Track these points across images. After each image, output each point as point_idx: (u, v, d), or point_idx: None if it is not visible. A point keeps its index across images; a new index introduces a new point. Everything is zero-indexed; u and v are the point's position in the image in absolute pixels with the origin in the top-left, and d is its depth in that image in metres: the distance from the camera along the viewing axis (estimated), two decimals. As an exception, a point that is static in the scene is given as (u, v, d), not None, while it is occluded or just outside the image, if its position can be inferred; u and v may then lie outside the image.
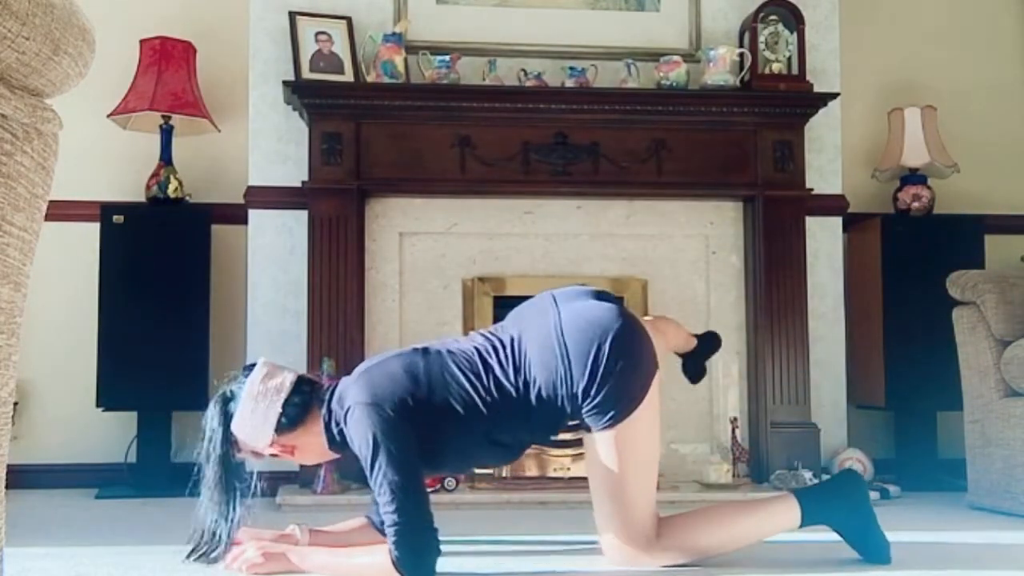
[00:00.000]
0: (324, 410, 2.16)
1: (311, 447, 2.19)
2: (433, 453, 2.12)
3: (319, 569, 2.11)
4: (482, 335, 2.28)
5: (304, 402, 2.16)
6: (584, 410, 2.14)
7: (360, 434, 2.03)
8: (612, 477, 2.16)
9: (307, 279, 3.64)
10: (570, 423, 2.25)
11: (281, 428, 2.13)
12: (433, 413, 2.11)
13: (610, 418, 2.13)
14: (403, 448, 2.02)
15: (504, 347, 2.21)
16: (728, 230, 3.93)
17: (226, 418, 2.15)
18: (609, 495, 2.18)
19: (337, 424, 2.14)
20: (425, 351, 2.21)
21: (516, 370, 2.17)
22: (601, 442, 2.16)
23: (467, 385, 2.14)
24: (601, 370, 2.11)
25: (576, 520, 2.74)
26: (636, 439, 2.16)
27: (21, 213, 1.15)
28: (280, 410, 2.13)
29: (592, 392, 2.12)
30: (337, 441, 2.16)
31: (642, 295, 3.85)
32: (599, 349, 2.12)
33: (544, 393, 2.15)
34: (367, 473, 2.04)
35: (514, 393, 2.15)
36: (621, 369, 2.12)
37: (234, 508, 2.12)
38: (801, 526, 2.24)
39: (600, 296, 2.27)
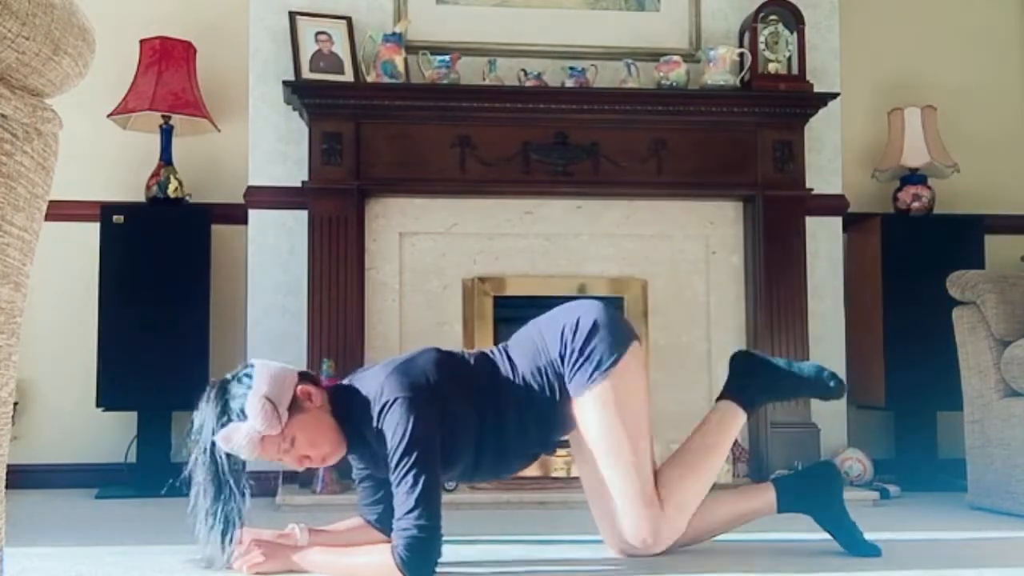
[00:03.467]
0: (328, 401, 2.14)
1: (320, 429, 2.11)
2: (452, 450, 2.13)
3: (320, 568, 2.11)
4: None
5: (314, 383, 2.15)
6: (568, 373, 2.20)
7: (398, 426, 2.03)
8: (611, 434, 2.19)
9: (307, 279, 3.64)
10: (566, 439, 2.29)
11: (294, 406, 2.07)
12: (457, 410, 2.14)
13: (593, 371, 2.18)
14: (434, 447, 2.05)
15: (497, 348, 2.33)
16: (728, 230, 3.93)
17: (225, 408, 2.05)
18: (611, 455, 2.19)
19: (351, 415, 2.12)
20: (449, 352, 2.26)
21: (510, 363, 2.26)
22: (592, 402, 2.19)
23: (482, 382, 2.21)
24: (572, 335, 2.22)
25: (576, 520, 2.74)
26: (626, 394, 2.20)
27: (21, 213, 1.15)
28: (296, 382, 2.09)
29: (567, 354, 2.21)
30: (353, 431, 2.13)
31: (642, 295, 3.85)
32: (567, 322, 2.24)
33: (530, 373, 2.22)
34: (392, 464, 2.02)
35: (511, 377, 2.23)
36: (592, 330, 2.21)
37: (233, 497, 2.04)
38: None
39: None
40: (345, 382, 2.24)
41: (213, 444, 2.03)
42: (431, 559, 1.99)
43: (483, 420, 2.18)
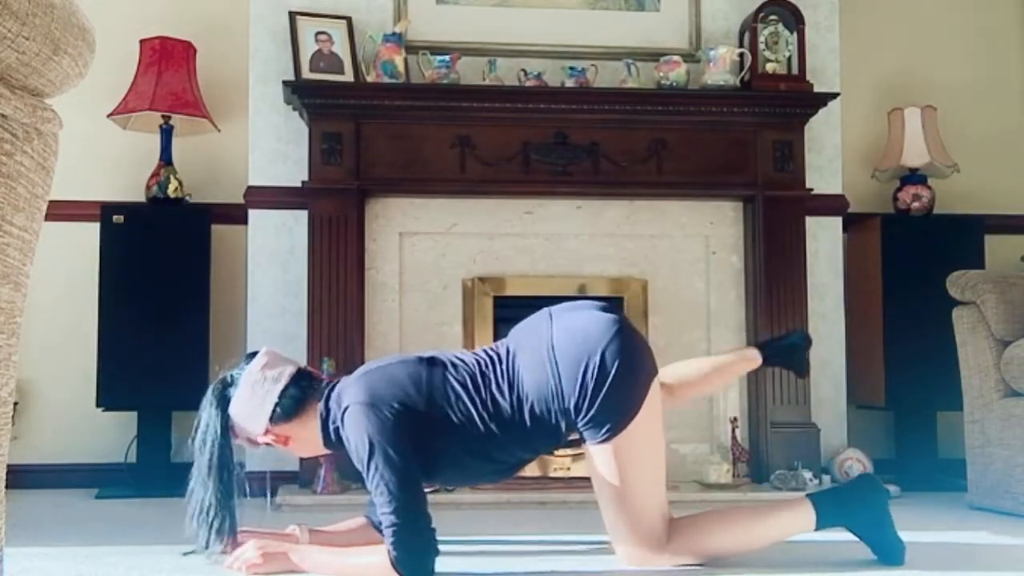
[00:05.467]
0: (322, 406, 2.16)
1: (305, 441, 2.19)
2: (430, 462, 2.11)
3: (319, 569, 2.11)
4: (483, 350, 2.27)
5: (301, 395, 2.16)
6: (579, 424, 2.13)
7: (356, 434, 2.04)
8: (615, 488, 2.15)
9: (307, 279, 3.64)
10: (570, 439, 2.25)
11: (276, 418, 2.14)
12: (431, 423, 2.10)
13: (606, 431, 2.12)
14: (399, 449, 2.02)
15: (501, 362, 2.20)
16: (728, 230, 3.93)
17: (223, 402, 2.15)
18: (614, 504, 2.17)
19: (333, 423, 2.14)
20: (430, 361, 2.19)
21: (511, 386, 2.15)
22: (599, 455, 2.15)
23: (466, 399, 2.13)
24: (592, 385, 2.10)
25: (576, 520, 2.74)
26: (636, 449, 2.14)
27: (21, 213, 1.15)
28: (276, 400, 2.14)
29: (584, 407, 2.11)
30: (332, 440, 2.16)
31: (642, 295, 3.85)
32: (588, 363, 2.11)
33: (538, 409, 2.14)
34: (363, 474, 2.04)
35: (509, 409, 2.14)
36: (613, 382, 2.10)
37: (230, 496, 2.10)
38: (816, 529, 2.23)
39: (599, 309, 2.25)
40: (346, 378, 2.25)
41: (220, 416, 2.13)
42: (425, 559, 1.99)
43: (467, 442, 2.12)
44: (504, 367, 2.18)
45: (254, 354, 2.22)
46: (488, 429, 2.12)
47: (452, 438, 2.12)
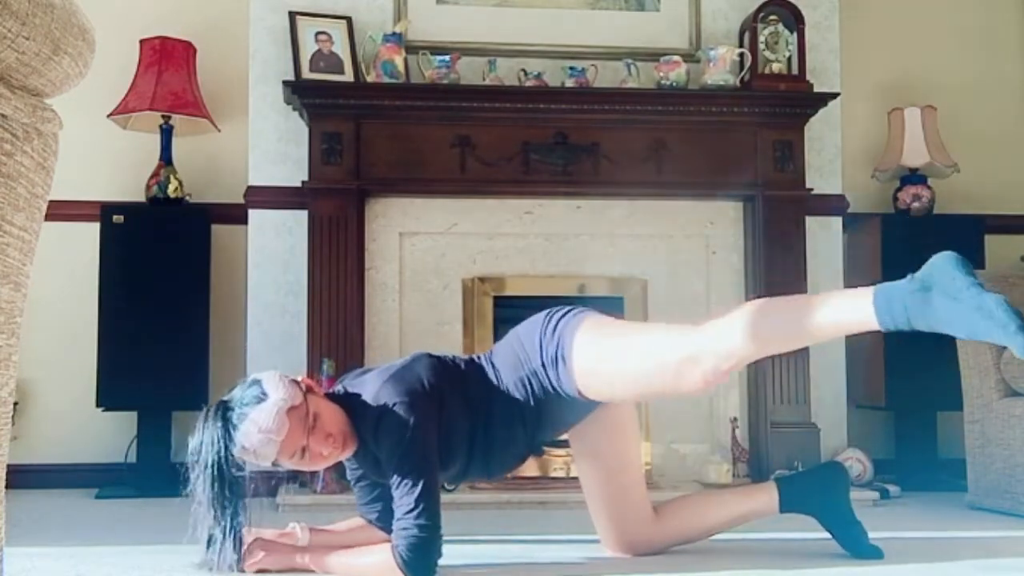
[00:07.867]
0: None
1: (333, 415, 2.11)
2: (444, 454, 2.13)
3: (323, 568, 2.12)
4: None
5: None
6: (548, 371, 2.17)
7: (398, 430, 2.04)
8: (617, 353, 2.15)
9: (307, 279, 3.64)
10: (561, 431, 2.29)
11: (306, 391, 2.10)
12: (452, 413, 2.15)
13: (566, 347, 2.15)
14: (432, 449, 2.07)
15: (483, 356, 2.32)
16: (728, 230, 3.93)
17: (225, 421, 2.04)
18: (629, 364, 2.14)
19: (350, 417, 2.13)
20: (440, 357, 2.26)
21: (494, 371, 2.24)
22: (579, 361, 2.14)
23: (472, 387, 2.21)
24: (548, 333, 2.19)
25: (576, 520, 2.73)
26: (600, 332, 2.18)
27: (21, 213, 1.15)
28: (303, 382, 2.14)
29: (541, 350, 2.18)
30: (359, 428, 2.14)
31: (642, 295, 3.85)
32: (544, 325, 2.22)
33: (513, 384, 2.20)
34: (392, 466, 2.03)
35: (498, 384, 2.21)
36: (563, 321, 2.19)
37: (237, 508, 2.04)
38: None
39: None
40: (339, 387, 2.23)
41: (218, 458, 2.01)
42: (432, 558, 2.00)
43: (474, 424, 2.18)
44: (485, 360, 2.29)
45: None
46: (487, 413, 2.19)
47: (464, 425, 2.16)
